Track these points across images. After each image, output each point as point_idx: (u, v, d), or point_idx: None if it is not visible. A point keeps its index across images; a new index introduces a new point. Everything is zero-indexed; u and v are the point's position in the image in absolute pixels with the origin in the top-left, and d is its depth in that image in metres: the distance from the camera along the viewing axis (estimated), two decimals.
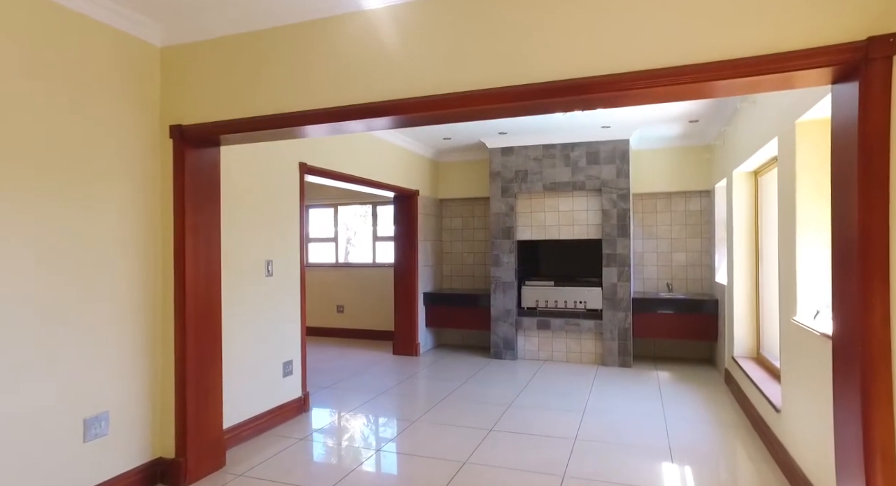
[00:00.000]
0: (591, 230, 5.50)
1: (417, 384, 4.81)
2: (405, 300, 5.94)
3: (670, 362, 5.54)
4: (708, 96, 2.12)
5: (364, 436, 3.56)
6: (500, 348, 5.74)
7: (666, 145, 5.69)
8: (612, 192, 5.36)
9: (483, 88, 2.18)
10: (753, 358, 4.13)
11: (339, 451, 3.30)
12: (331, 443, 3.42)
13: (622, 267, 5.32)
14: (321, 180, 4.65)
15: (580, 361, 5.55)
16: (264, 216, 3.64)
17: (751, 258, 4.20)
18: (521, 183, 5.66)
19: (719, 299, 4.99)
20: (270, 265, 3.67)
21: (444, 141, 5.78)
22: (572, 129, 5.25)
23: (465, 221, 6.62)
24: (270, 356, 3.67)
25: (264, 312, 3.61)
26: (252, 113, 2.58)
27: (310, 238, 7.41)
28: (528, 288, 5.73)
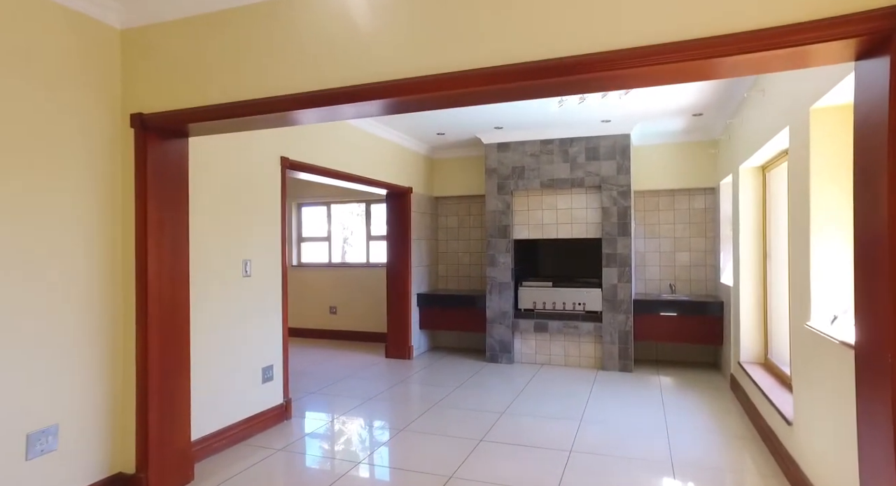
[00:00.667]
0: (591, 229, 5.27)
1: (408, 390, 4.59)
2: (398, 302, 5.72)
3: (673, 366, 5.30)
4: (711, 77, 1.89)
5: (346, 447, 3.34)
6: (496, 351, 5.52)
7: (668, 141, 5.45)
8: (613, 189, 5.13)
9: (461, 70, 1.97)
10: (761, 364, 3.89)
11: (318, 463, 3.08)
12: (310, 454, 3.20)
13: (623, 267, 5.09)
14: (313, 178, 4.45)
15: (579, 365, 5.33)
16: (242, 214, 3.43)
17: (758, 258, 3.96)
18: (517, 180, 5.44)
19: (724, 301, 4.76)
20: (248, 265, 3.46)
21: (437, 136, 5.56)
22: (571, 123, 5.02)
23: (461, 219, 6.41)
24: (248, 362, 3.46)
25: (241, 314, 3.40)
26: (219, 100, 2.37)
27: (303, 237, 7.20)
28: (525, 289, 5.51)
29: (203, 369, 3.07)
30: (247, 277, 3.46)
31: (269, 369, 3.65)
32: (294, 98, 2.26)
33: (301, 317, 7.04)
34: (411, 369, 5.31)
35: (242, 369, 3.41)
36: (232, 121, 2.44)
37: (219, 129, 2.67)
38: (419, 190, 5.97)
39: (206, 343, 3.10)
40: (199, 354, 3.01)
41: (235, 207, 3.37)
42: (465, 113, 4.64)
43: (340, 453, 3.23)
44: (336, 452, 3.25)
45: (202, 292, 3.07)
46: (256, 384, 3.54)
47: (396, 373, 5.14)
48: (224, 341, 3.25)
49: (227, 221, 3.29)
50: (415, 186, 5.85)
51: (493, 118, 4.85)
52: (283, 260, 3.80)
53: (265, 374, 3.61)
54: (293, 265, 7.09)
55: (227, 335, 3.27)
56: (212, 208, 3.17)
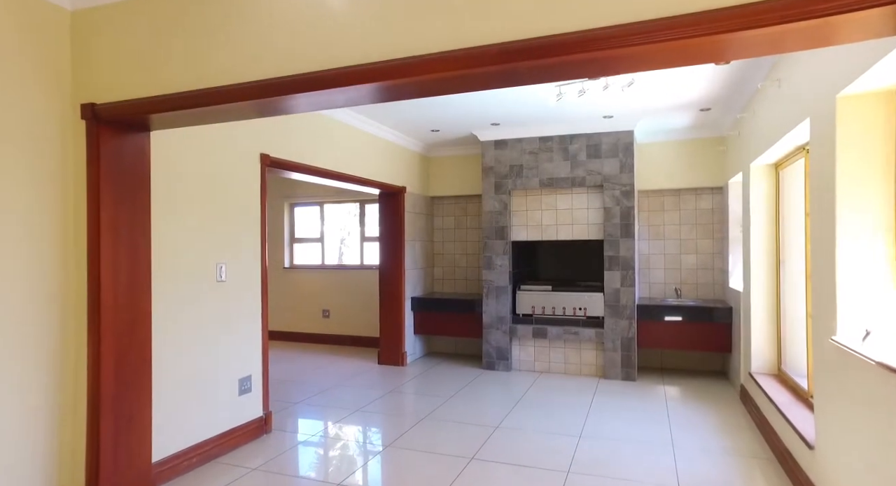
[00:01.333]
0: (592, 230, 5.01)
1: (399, 400, 4.33)
2: (391, 305, 5.47)
3: (679, 375, 5.03)
4: (718, 58, 1.64)
5: (327, 465, 3.09)
6: (493, 358, 5.26)
7: (674, 137, 5.18)
8: (615, 188, 4.86)
9: (441, 52, 1.71)
10: (774, 375, 3.62)
11: (293, 485, 2.83)
12: (287, 474, 2.95)
13: (626, 271, 4.82)
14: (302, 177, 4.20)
15: (579, 373, 5.06)
16: (217, 214, 3.18)
17: (771, 262, 3.69)
18: (515, 179, 5.18)
19: (734, 307, 4.48)
20: (222, 269, 3.21)
21: (432, 133, 5.30)
22: (571, 119, 4.76)
23: (458, 220, 6.15)
24: (222, 372, 3.21)
25: (215, 322, 3.16)
26: (179, 88, 2.13)
27: (295, 238, 6.96)
28: (524, 293, 5.25)
29: (170, 381, 2.82)
30: (221, 281, 3.21)
31: (246, 380, 3.40)
32: (259, 85, 2.02)
33: (293, 321, 6.79)
34: (404, 376, 5.05)
35: (216, 380, 3.16)
36: (196, 112, 2.20)
37: (183, 121, 2.43)
38: (413, 190, 5.72)
39: (175, 354, 2.86)
40: (166, 365, 2.77)
41: (210, 207, 3.13)
42: (460, 108, 4.39)
43: (320, 472, 2.98)
44: (315, 470, 3.00)
45: (170, 299, 2.82)
46: (232, 397, 3.29)
47: (388, 381, 4.88)
48: (195, 351, 3.00)
49: (199, 223, 3.05)
50: (409, 186, 5.59)
51: (489, 114, 4.60)
52: (263, 263, 3.56)
53: (242, 385, 3.36)
54: (285, 267, 6.85)
55: (198, 345, 3.03)
56: (182, 209, 2.93)
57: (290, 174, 4.16)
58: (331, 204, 6.80)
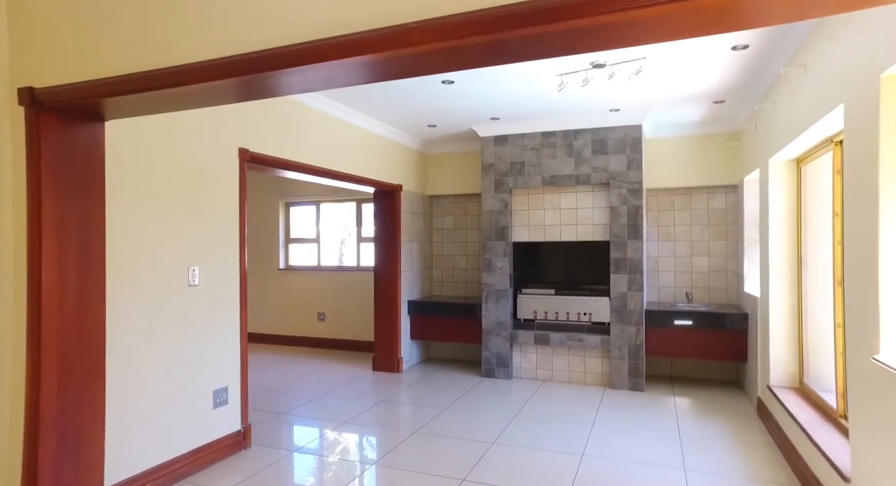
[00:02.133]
0: (598, 231, 4.70)
1: (391, 411, 4.05)
2: (386, 309, 5.20)
3: (690, 385, 4.71)
4: (735, 24, 1.34)
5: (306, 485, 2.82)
6: (493, 365, 4.97)
7: (685, 132, 4.86)
8: (622, 186, 4.55)
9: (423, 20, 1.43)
10: (795, 389, 3.30)
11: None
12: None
13: (633, 274, 4.51)
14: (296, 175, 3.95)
15: (584, 381, 4.75)
16: (189, 213, 2.92)
17: (792, 266, 3.37)
18: (516, 176, 4.88)
19: (749, 313, 4.16)
20: (195, 272, 2.95)
21: (429, 129, 5.02)
22: (575, 112, 4.46)
23: (458, 220, 5.86)
24: (194, 384, 2.95)
25: (186, 330, 2.89)
26: (134, 68, 1.85)
27: (291, 239, 6.71)
28: (525, 297, 4.95)
29: (133, 395, 2.56)
30: (194, 286, 2.95)
31: (222, 392, 3.14)
32: (227, 63, 1.73)
33: (287, 324, 6.54)
34: (399, 384, 4.77)
35: (188, 392, 2.90)
36: (154, 96, 1.92)
37: (143, 107, 2.16)
38: (410, 188, 5.44)
39: (138, 364, 2.60)
40: (127, 377, 2.51)
41: (182, 206, 2.87)
42: (458, 101, 4.10)
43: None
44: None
45: (133, 305, 2.57)
46: (206, 410, 3.02)
47: (381, 389, 4.60)
48: (163, 362, 2.74)
49: (170, 223, 2.79)
50: (405, 184, 5.32)
51: (488, 108, 4.31)
52: (242, 266, 3.29)
53: (217, 397, 3.10)
54: (280, 268, 6.60)
55: (166, 355, 2.76)
56: (151, 208, 2.67)
57: (283, 173, 3.90)
58: (328, 203, 6.53)
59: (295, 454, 3.21)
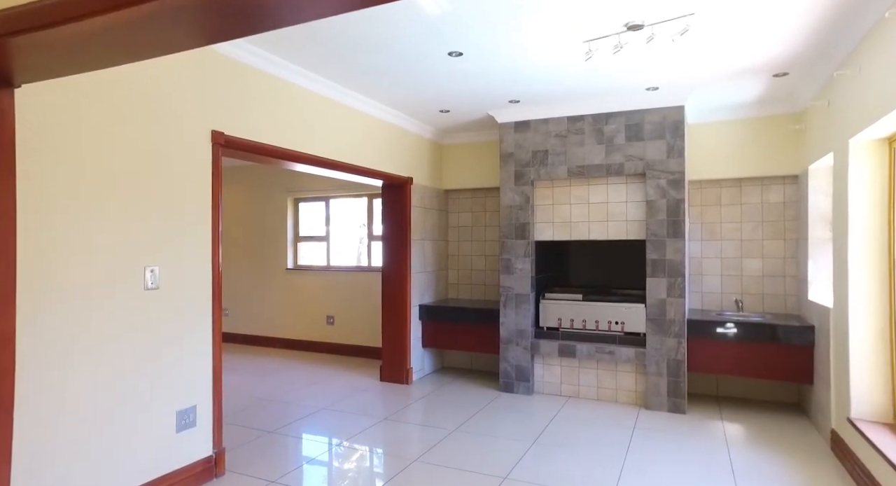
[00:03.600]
0: (632, 228, 4.07)
1: (392, 432, 3.53)
2: (394, 314, 4.69)
3: (741, 407, 4.03)
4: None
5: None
6: (512, 378, 4.39)
7: (735, 116, 4.18)
8: (661, 177, 3.91)
9: None
10: (888, 425, 2.62)
11: None
12: None
13: (673, 278, 3.87)
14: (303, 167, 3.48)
15: (615, 400, 4.13)
16: (146, 205, 2.46)
17: (880, 270, 2.69)
18: (539, 167, 4.30)
19: (816, 326, 3.47)
20: (153, 274, 2.49)
21: (441, 115, 4.48)
22: (606, 92, 3.84)
23: (476, 216, 5.31)
24: (151, 404, 2.49)
25: (140, 341, 2.44)
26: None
27: (300, 237, 6.28)
28: (549, 303, 4.36)
29: (69, 420, 2.11)
30: (152, 289, 2.49)
31: (188, 413, 2.67)
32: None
33: (294, 327, 6.11)
34: (406, 398, 4.25)
35: (143, 414, 2.45)
36: (74, 34, 1.43)
37: (62, 60, 1.67)
38: (423, 181, 4.91)
39: (74, 384, 2.15)
40: (60, 399, 2.06)
41: (137, 196, 2.42)
42: (472, 83, 3.55)
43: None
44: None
45: (69, 312, 2.12)
46: (167, 434, 2.56)
47: (386, 404, 4.09)
48: (108, 380, 2.29)
49: (117, 216, 2.34)
50: (416, 177, 4.79)
51: (507, 89, 3.74)
52: (215, 267, 2.82)
53: (182, 419, 2.64)
54: (288, 268, 6.18)
55: (112, 371, 2.31)
56: (95, 198, 2.23)
57: (294, 166, 3.44)
58: (337, 199, 6.07)
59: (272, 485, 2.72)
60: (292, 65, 3.23)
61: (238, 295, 6.43)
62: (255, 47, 2.96)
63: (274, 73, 3.18)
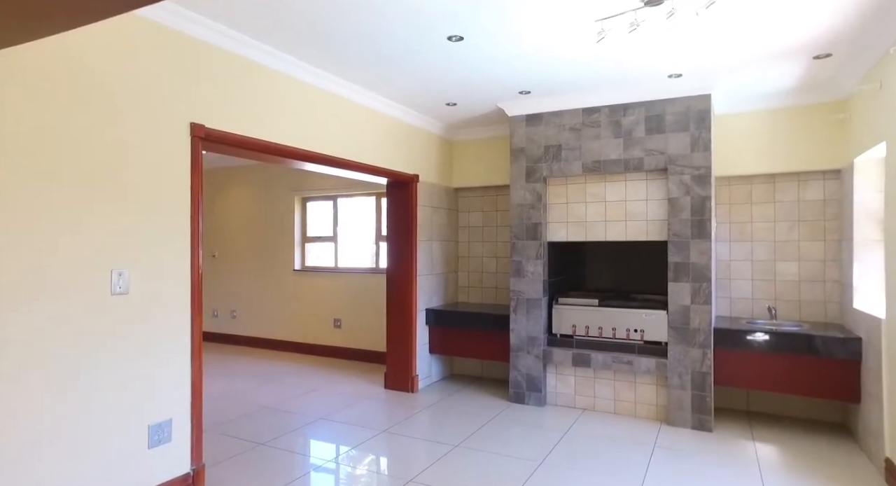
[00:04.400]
0: (653, 228, 3.73)
1: (390, 446, 3.27)
2: (399, 318, 4.43)
3: (775, 425, 3.64)
4: None
5: None
6: (522, 388, 4.08)
7: (768, 105, 3.79)
8: (685, 173, 3.56)
9: None
10: None
11: None
12: None
13: (699, 282, 3.51)
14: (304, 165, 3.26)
15: (634, 414, 3.79)
16: (112, 203, 2.26)
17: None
18: (552, 163, 3.98)
19: (864, 338, 3.07)
20: (121, 277, 2.28)
21: (448, 109, 4.21)
22: (624, 81, 3.51)
23: (487, 216, 5.02)
24: (119, 419, 2.28)
25: (106, 351, 2.23)
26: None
27: (307, 237, 6.08)
28: (562, 308, 4.04)
29: (25, 436, 1.91)
30: (120, 294, 2.28)
31: (163, 427, 2.46)
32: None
33: (301, 330, 5.91)
34: (410, 408, 3.99)
35: (108, 430, 2.24)
36: None
37: None
38: (430, 179, 4.65)
39: (30, 396, 1.95)
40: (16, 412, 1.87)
41: (100, 193, 2.22)
42: (477, 70, 3.27)
43: None
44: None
45: (24, 319, 1.92)
46: (138, 450, 2.35)
47: (389, 414, 3.83)
48: (68, 395, 2.09)
49: (81, 215, 2.14)
50: (423, 174, 4.53)
51: (517, 79, 3.44)
52: (195, 270, 2.60)
53: (156, 434, 2.43)
54: (295, 269, 5.98)
55: (73, 384, 2.11)
56: (54, 194, 2.03)
57: (299, 164, 3.23)
58: (346, 198, 5.85)
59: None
60: (282, 53, 3.00)
61: (245, 297, 6.27)
62: (239, 34, 2.74)
63: (263, 62, 2.95)
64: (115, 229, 2.26)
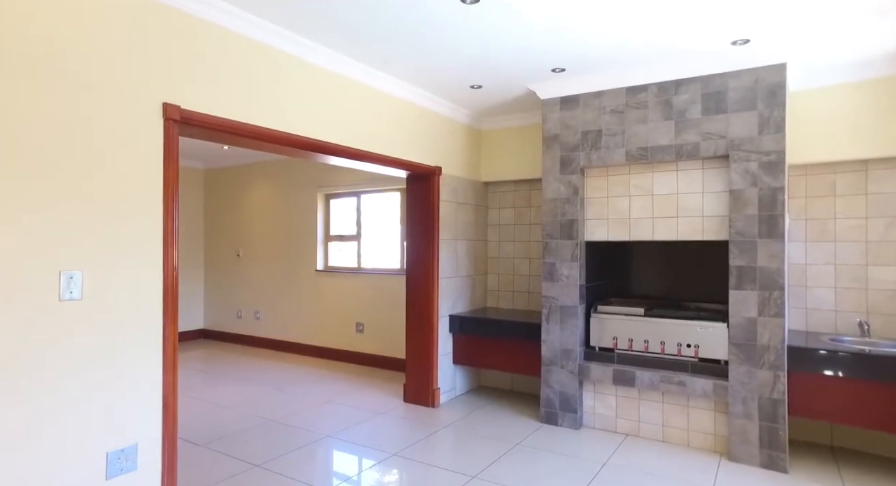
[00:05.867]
0: (710, 226, 3.13)
1: (396, 474, 2.84)
2: (419, 325, 4.00)
3: (868, 467, 2.96)
4: None
5: None
6: (555, 408, 3.56)
7: (861, 76, 3.11)
8: (751, 159, 2.95)
9: None
10: None
11: None
12: None
13: (768, 290, 2.89)
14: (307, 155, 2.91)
15: (686, 443, 3.20)
16: (63, 194, 1.93)
17: None
18: (590, 151, 3.44)
19: None
20: (73, 280, 1.95)
21: (475, 93, 3.74)
22: (677, 53, 2.93)
23: (519, 213, 4.51)
24: (72, 444, 1.95)
25: (56, 365, 1.90)
26: None
27: (331, 236, 5.75)
28: (602, 318, 3.49)
29: None
30: (72, 300, 1.95)
31: (126, 453, 2.12)
32: None
33: (323, 334, 5.59)
34: (427, 426, 3.54)
35: (59, 457, 1.91)
36: None
37: None
38: (455, 172, 4.19)
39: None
40: None
41: (46, 183, 1.89)
42: (501, 44, 2.79)
43: None
44: None
45: None
46: (94, 482, 2.02)
47: (402, 433, 3.41)
48: (6, 413, 1.77)
49: (24, 206, 1.82)
50: (446, 166, 4.08)
51: (546, 52, 2.94)
52: (169, 272, 2.26)
53: (117, 461, 2.09)
54: (318, 270, 5.66)
55: (14, 402, 1.79)
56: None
57: (297, 152, 2.88)
58: (369, 193, 5.48)
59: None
60: (275, 26, 2.62)
61: (268, 298, 6.02)
62: (226, 3, 2.37)
63: (253, 36, 2.58)
64: (65, 225, 1.93)
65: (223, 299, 6.43)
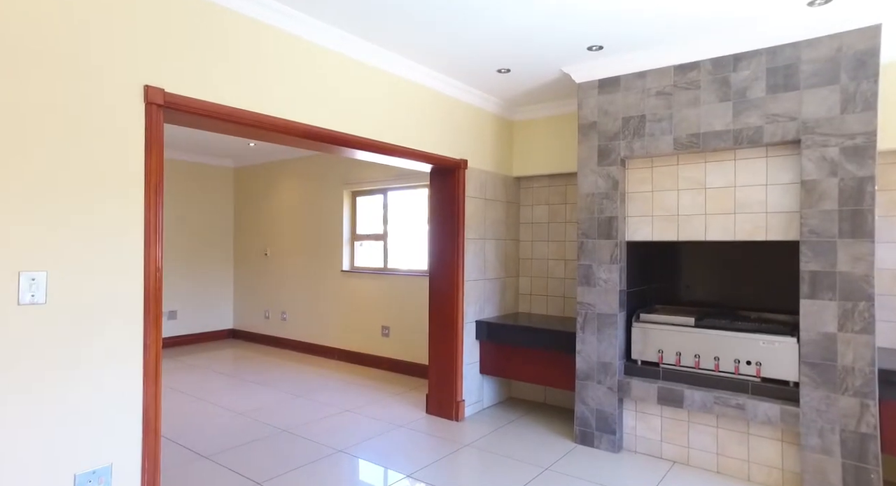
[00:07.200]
0: (776, 224, 2.64)
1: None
2: (442, 332, 3.66)
3: None
4: None
5: None
6: (591, 427, 3.14)
7: None
8: (830, 144, 2.45)
9: None
10: None
11: None
12: None
13: (852, 301, 2.38)
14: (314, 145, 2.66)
15: (747, 476, 2.71)
16: (24, 187, 1.71)
17: None
18: (632, 139, 3.01)
19: None
20: (34, 283, 1.72)
21: (503, 77, 3.36)
22: (735, 21, 2.47)
23: (554, 210, 4.10)
24: (33, 465, 1.73)
25: (15, 376, 1.68)
26: None
27: (357, 235, 5.50)
28: (645, 328, 3.04)
29: None
30: (33, 304, 1.73)
31: (98, 475, 1.88)
32: None
33: (349, 338, 5.34)
34: (449, 443, 3.20)
35: (18, 480, 1.69)
36: None
37: None
38: (483, 165, 3.83)
39: None
40: None
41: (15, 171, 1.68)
42: (536, 21, 2.42)
43: None
44: None
45: None
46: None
47: (420, 451, 3.08)
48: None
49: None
50: (472, 160, 3.72)
51: (581, 24, 2.54)
52: (151, 272, 2.01)
53: (87, 484, 1.85)
54: (343, 270, 5.43)
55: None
56: None
57: (304, 142, 2.63)
58: (396, 190, 5.19)
59: None
60: (278, 3, 2.35)
61: (294, 299, 5.84)
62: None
63: (249, 13, 2.32)
64: (27, 221, 1.71)
65: (251, 298, 6.32)
